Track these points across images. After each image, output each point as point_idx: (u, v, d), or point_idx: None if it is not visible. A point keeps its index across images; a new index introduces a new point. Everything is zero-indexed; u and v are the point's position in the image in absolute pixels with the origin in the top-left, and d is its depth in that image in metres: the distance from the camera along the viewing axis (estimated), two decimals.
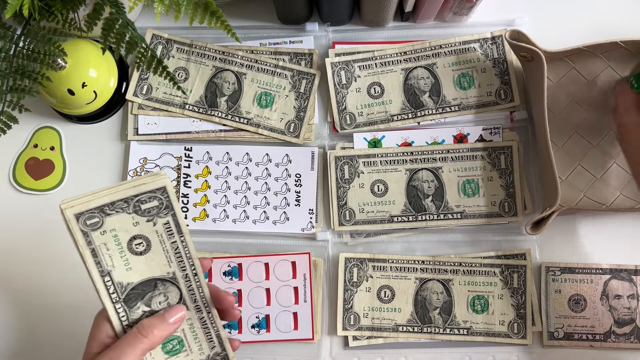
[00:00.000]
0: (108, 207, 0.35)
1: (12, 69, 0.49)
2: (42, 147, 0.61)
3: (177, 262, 0.39)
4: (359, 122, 0.59)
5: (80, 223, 0.34)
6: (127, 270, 0.38)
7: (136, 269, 0.38)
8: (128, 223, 0.36)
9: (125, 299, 0.38)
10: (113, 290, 0.38)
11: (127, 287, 0.38)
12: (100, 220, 0.35)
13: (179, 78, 0.61)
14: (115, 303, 0.38)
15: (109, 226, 0.35)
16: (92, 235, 0.35)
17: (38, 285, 0.58)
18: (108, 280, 0.37)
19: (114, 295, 0.38)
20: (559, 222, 0.56)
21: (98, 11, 0.50)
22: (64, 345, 0.57)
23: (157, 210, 0.36)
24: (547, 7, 0.63)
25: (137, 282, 0.39)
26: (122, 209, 0.35)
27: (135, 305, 0.39)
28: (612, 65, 0.59)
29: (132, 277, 0.38)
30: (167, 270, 0.39)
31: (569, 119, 0.59)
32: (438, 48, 0.60)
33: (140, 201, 0.35)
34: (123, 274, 0.38)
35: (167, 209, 0.36)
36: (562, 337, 0.55)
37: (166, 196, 0.35)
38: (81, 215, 0.34)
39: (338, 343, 0.56)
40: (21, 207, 0.60)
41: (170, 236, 0.37)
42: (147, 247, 0.37)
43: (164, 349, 0.41)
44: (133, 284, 0.38)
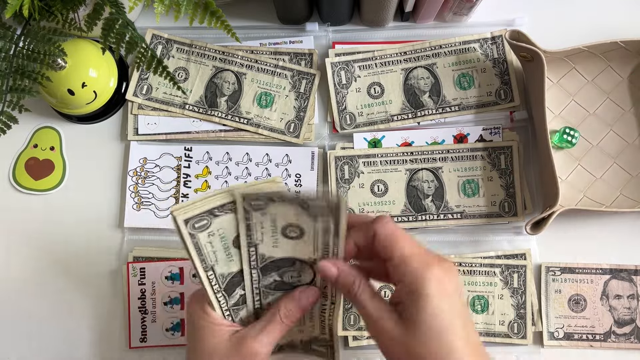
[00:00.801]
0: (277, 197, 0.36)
1: (12, 69, 0.49)
2: (42, 147, 0.61)
3: (322, 253, 0.39)
4: (359, 122, 0.59)
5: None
6: (273, 247, 0.39)
7: (282, 248, 0.39)
8: (291, 213, 0.37)
9: (263, 267, 0.40)
10: (254, 258, 0.40)
11: (268, 260, 0.40)
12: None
13: (179, 78, 0.61)
14: (252, 269, 0.40)
15: (270, 210, 0.37)
16: (253, 214, 0.37)
17: (38, 285, 0.58)
18: (252, 250, 0.39)
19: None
20: (559, 222, 0.56)
21: (98, 11, 0.50)
22: (65, 344, 0.57)
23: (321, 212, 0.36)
24: (547, 7, 0.63)
25: (279, 258, 0.40)
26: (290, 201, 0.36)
27: (269, 274, 0.41)
28: (612, 65, 0.59)
29: (275, 253, 0.40)
30: (310, 255, 0.40)
31: (569, 119, 0.59)
32: (438, 48, 0.60)
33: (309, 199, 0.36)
34: (268, 249, 0.39)
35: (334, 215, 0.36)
36: (562, 337, 0.55)
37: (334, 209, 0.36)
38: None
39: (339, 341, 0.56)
40: (21, 207, 0.60)
41: (325, 234, 0.37)
42: (299, 236, 0.38)
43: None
44: (274, 258, 0.40)
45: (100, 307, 0.58)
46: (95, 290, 0.58)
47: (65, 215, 0.59)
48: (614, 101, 0.59)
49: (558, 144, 0.58)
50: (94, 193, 0.60)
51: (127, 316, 0.57)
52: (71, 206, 0.59)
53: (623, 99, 0.59)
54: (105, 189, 0.60)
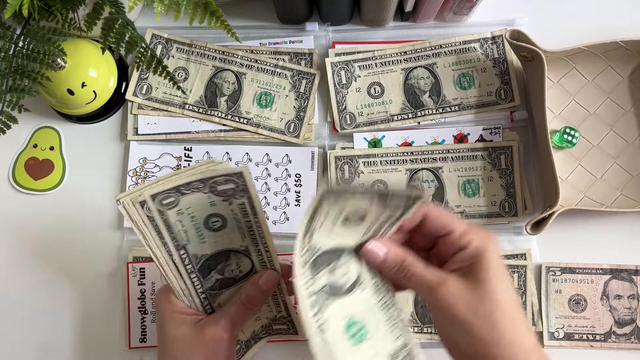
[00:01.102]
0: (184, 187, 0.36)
1: (11, 69, 0.49)
2: (42, 147, 0.61)
3: (250, 238, 0.39)
4: (359, 122, 0.59)
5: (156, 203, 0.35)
6: (201, 243, 0.39)
7: (210, 242, 0.39)
8: (205, 202, 0.36)
9: (200, 268, 0.40)
10: (188, 262, 0.39)
11: (202, 258, 0.40)
12: (176, 200, 0.36)
13: (178, 78, 0.61)
14: (191, 273, 0.39)
15: (184, 205, 0.36)
16: (168, 213, 0.36)
17: (38, 285, 0.58)
18: (183, 253, 0.38)
19: (189, 267, 0.39)
20: (559, 222, 0.56)
21: (98, 11, 0.50)
22: (65, 344, 0.57)
23: (233, 192, 0.36)
24: (547, 7, 0.63)
25: (211, 254, 0.40)
26: (198, 189, 0.36)
27: (209, 274, 0.41)
28: (612, 65, 0.59)
29: (206, 249, 0.39)
30: (240, 243, 0.40)
31: (569, 119, 0.59)
32: (438, 48, 0.60)
33: (216, 183, 0.35)
34: (198, 247, 0.39)
35: (243, 192, 0.36)
36: (562, 338, 0.55)
37: (242, 181, 0.36)
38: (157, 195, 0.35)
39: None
40: (21, 207, 0.60)
41: (245, 215, 0.38)
42: (223, 224, 0.38)
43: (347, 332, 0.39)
44: (207, 255, 0.40)
45: (100, 307, 0.58)
46: (95, 291, 0.58)
47: (64, 216, 0.59)
48: (614, 101, 0.59)
49: (558, 144, 0.58)
50: (93, 193, 0.60)
51: (127, 316, 0.57)
52: (71, 206, 0.59)
53: (623, 98, 0.59)
54: (105, 189, 0.60)
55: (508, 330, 0.35)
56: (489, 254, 0.36)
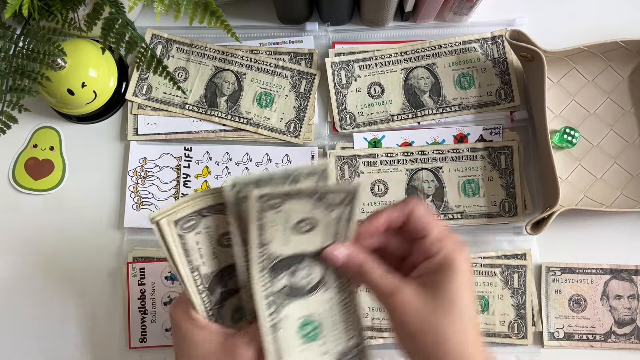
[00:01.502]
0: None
1: (11, 69, 0.49)
2: (42, 147, 0.61)
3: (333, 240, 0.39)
4: (359, 122, 0.59)
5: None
6: (283, 245, 0.38)
7: (292, 244, 0.38)
8: (306, 207, 0.36)
9: (272, 267, 0.39)
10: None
11: (277, 259, 0.39)
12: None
13: (178, 78, 0.61)
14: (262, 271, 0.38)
15: (286, 207, 0.36)
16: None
17: (37, 285, 0.58)
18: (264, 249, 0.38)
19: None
20: (559, 222, 0.56)
21: (98, 11, 0.50)
22: (65, 344, 0.57)
23: (339, 203, 0.36)
24: (547, 7, 0.63)
25: (288, 255, 0.39)
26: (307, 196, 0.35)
27: (279, 274, 0.39)
28: (612, 65, 0.59)
29: (284, 250, 0.39)
30: (317, 247, 0.39)
31: (569, 119, 0.59)
32: (438, 48, 0.60)
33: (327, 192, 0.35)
34: (278, 247, 0.38)
35: (349, 204, 0.36)
36: (562, 338, 0.55)
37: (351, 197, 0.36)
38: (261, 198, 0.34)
39: None
40: (21, 207, 0.60)
41: (337, 223, 0.38)
42: (310, 229, 0.38)
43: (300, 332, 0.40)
44: (283, 256, 0.39)
45: (100, 307, 0.58)
46: (95, 291, 0.58)
47: (64, 215, 0.59)
48: (614, 101, 0.59)
49: (558, 144, 0.58)
50: (93, 193, 0.60)
51: (127, 316, 0.56)
52: (71, 206, 0.59)
53: (623, 99, 0.59)
54: (105, 189, 0.60)
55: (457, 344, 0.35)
56: (456, 266, 0.36)
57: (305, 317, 0.40)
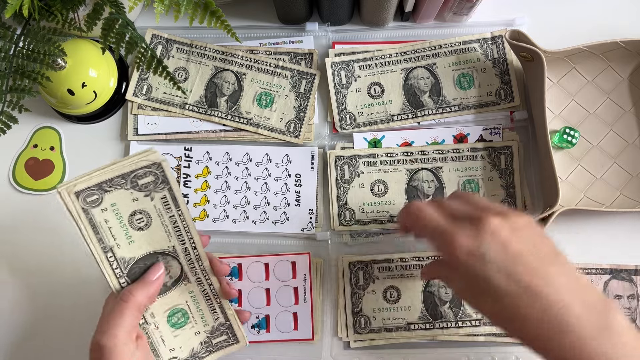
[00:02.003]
0: (106, 183, 0.35)
1: (12, 69, 0.49)
2: (42, 147, 0.61)
3: (176, 235, 0.39)
4: (359, 122, 0.59)
5: (80, 200, 0.35)
6: (129, 244, 0.38)
7: (138, 243, 0.39)
8: (127, 199, 0.36)
9: (129, 273, 0.39)
10: (116, 265, 0.39)
11: (130, 262, 0.39)
12: (100, 197, 0.36)
13: (178, 78, 0.61)
14: (120, 278, 0.39)
15: (108, 202, 0.36)
16: (92, 212, 0.36)
17: (37, 285, 0.58)
18: (111, 256, 0.38)
19: (117, 271, 0.39)
20: (559, 222, 0.56)
21: (98, 11, 0.50)
22: (65, 344, 0.57)
23: (154, 185, 0.36)
24: (547, 7, 0.63)
25: (139, 257, 0.39)
26: (120, 185, 0.36)
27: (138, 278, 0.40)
28: (612, 65, 0.59)
29: (134, 252, 0.39)
30: (168, 244, 0.39)
31: (569, 119, 0.59)
32: (438, 48, 0.60)
33: (136, 177, 0.35)
34: (125, 249, 0.38)
35: (163, 183, 0.36)
36: None
37: (161, 171, 0.36)
38: (81, 193, 0.35)
39: (338, 343, 0.56)
40: (21, 207, 0.60)
41: (168, 210, 0.38)
42: (147, 222, 0.38)
43: (169, 322, 0.43)
44: (135, 259, 0.39)
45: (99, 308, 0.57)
46: (95, 291, 0.58)
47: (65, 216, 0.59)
48: (614, 101, 0.59)
49: (558, 144, 0.58)
50: None
51: None
52: None
53: (623, 99, 0.59)
54: None
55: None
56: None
57: (171, 308, 0.43)
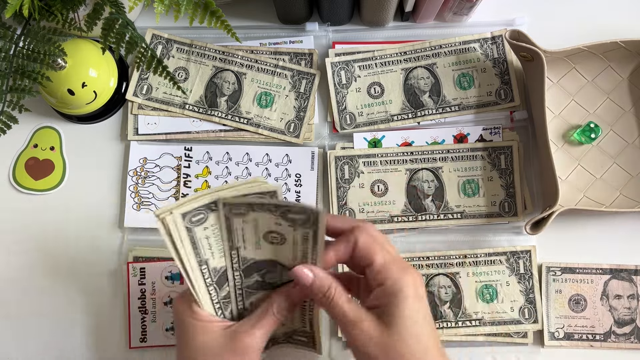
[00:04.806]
0: (258, 205, 0.37)
1: (12, 69, 0.49)
2: (42, 147, 0.61)
3: (301, 260, 0.40)
4: (359, 122, 0.59)
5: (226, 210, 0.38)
6: (255, 249, 0.40)
7: (264, 251, 0.40)
8: (271, 221, 0.38)
9: (245, 269, 0.41)
10: (236, 260, 0.40)
11: (250, 261, 0.41)
12: (246, 213, 0.38)
13: (178, 78, 0.61)
14: (235, 271, 0.41)
15: (251, 217, 0.38)
16: (234, 220, 0.38)
17: (38, 285, 0.58)
18: (234, 253, 0.40)
19: (236, 265, 0.41)
20: (559, 222, 0.56)
21: (98, 11, 0.50)
22: (65, 344, 0.57)
23: (302, 222, 0.37)
24: (547, 7, 0.63)
25: (261, 259, 0.41)
26: (270, 211, 0.37)
27: (251, 275, 0.42)
28: (612, 65, 0.59)
29: (257, 255, 0.41)
30: (290, 262, 0.41)
31: (569, 119, 0.59)
32: (438, 48, 0.60)
33: (290, 211, 0.37)
34: (250, 252, 0.40)
35: (314, 225, 0.37)
36: (562, 337, 0.55)
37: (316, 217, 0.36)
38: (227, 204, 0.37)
39: (338, 343, 0.56)
40: (21, 207, 0.60)
41: (305, 242, 0.39)
42: (280, 242, 0.39)
43: None
44: (256, 259, 0.41)
45: (100, 307, 0.58)
46: (95, 290, 0.58)
47: (65, 216, 0.59)
48: (614, 101, 0.59)
49: (577, 138, 0.57)
50: (94, 193, 0.60)
51: (127, 316, 0.57)
52: (71, 206, 0.59)
53: (623, 99, 0.59)
54: (105, 189, 0.60)
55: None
56: (404, 295, 0.37)
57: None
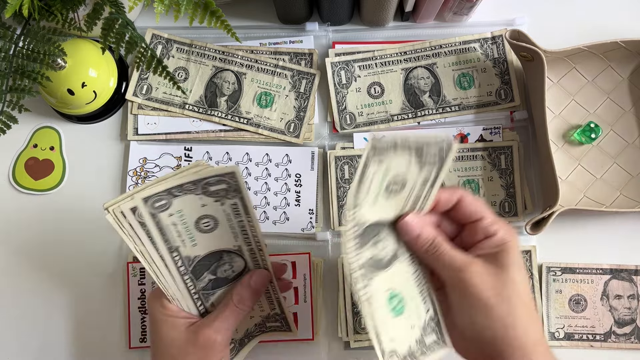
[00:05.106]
0: (176, 189, 0.36)
1: (11, 69, 0.49)
2: (42, 147, 0.61)
3: (242, 237, 0.40)
4: (359, 122, 0.59)
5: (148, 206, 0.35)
6: (193, 246, 0.39)
7: (203, 244, 0.39)
8: (196, 204, 0.37)
9: (193, 270, 0.40)
10: (181, 264, 0.39)
11: (194, 260, 0.40)
12: (168, 202, 0.36)
13: (178, 78, 0.61)
14: (184, 275, 0.40)
15: (176, 207, 0.36)
16: (160, 216, 0.36)
17: (37, 285, 0.58)
18: (176, 256, 0.39)
19: (182, 269, 0.39)
20: (559, 222, 0.56)
21: (98, 11, 0.50)
22: (64, 344, 0.57)
23: (225, 192, 0.36)
24: (547, 7, 0.63)
25: (204, 255, 0.40)
26: (190, 191, 0.36)
27: (202, 275, 0.41)
28: (612, 65, 0.59)
29: (198, 251, 0.40)
30: (233, 243, 0.40)
31: (570, 119, 0.59)
32: (438, 48, 0.60)
33: (208, 184, 0.36)
34: (190, 249, 0.39)
35: (235, 191, 0.37)
36: (562, 338, 0.55)
37: (234, 180, 0.36)
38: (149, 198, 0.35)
39: (338, 343, 0.56)
40: (21, 207, 0.60)
41: (237, 215, 0.38)
42: (214, 226, 0.39)
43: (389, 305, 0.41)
44: (200, 257, 0.40)
45: (100, 307, 0.58)
46: (95, 290, 0.58)
47: (64, 215, 0.59)
48: (614, 101, 0.59)
49: (577, 138, 0.57)
50: (93, 193, 0.60)
51: (127, 316, 0.57)
52: (71, 206, 0.59)
53: (623, 99, 0.59)
54: (105, 189, 0.60)
55: (524, 317, 0.37)
56: (513, 245, 0.38)
57: (390, 290, 0.40)
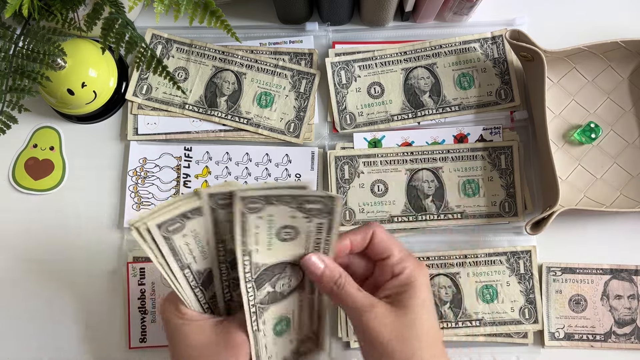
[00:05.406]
0: (274, 198, 0.37)
1: (11, 69, 0.49)
2: (42, 147, 0.61)
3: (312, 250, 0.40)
4: (359, 122, 0.59)
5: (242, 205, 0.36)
6: (267, 250, 0.39)
7: (275, 252, 0.40)
8: (286, 214, 0.37)
9: (257, 279, 0.40)
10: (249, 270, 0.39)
11: (262, 268, 0.40)
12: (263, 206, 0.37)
13: (178, 78, 0.61)
14: (247, 282, 0.40)
15: (267, 212, 0.37)
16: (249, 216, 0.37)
17: (37, 285, 0.58)
18: (247, 259, 0.39)
19: (248, 275, 0.39)
20: (559, 222, 0.56)
21: (98, 11, 0.50)
22: (65, 344, 0.57)
23: (318, 212, 0.37)
24: (547, 7, 0.63)
25: (272, 264, 0.40)
26: (287, 203, 0.37)
27: (263, 286, 0.41)
28: (612, 65, 0.59)
29: (268, 259, 0.40)
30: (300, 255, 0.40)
31: (570, 119, 0.59)
32: (438, 48, 0.60)
33: (306, 201, 0.37)
34: (262, 256, 0.39)
35: (329, 214, 0.37)
36: (562, 338, 0.55)
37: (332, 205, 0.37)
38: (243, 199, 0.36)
39: (338, 343, 0.56)
40: (21, 207, 0.60)
41: (319, 233, 0.39)
42: (294, 236, 0.39)
43: (274, 329, 0.43)
44: (267, 265, 0.40)
45: (99, 307, 0.58)
46: (95, 290, 0.58)
47: (64, 216, 0.59)
48: (614, 101, 0.59)
49: (577, 138, 0.57)
50: (93, 193, 0.60)
51: (127, 316, 0.56)
52: (71, 206, 0.59)
53: (623, 99, 0.59)
54: (105, 189, 0.60)
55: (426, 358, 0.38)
56: (419, 284, 0.39)
57: (280, 316, 0.42)
